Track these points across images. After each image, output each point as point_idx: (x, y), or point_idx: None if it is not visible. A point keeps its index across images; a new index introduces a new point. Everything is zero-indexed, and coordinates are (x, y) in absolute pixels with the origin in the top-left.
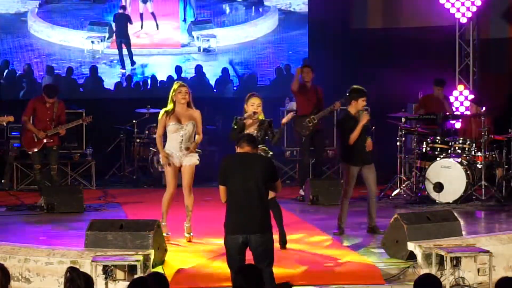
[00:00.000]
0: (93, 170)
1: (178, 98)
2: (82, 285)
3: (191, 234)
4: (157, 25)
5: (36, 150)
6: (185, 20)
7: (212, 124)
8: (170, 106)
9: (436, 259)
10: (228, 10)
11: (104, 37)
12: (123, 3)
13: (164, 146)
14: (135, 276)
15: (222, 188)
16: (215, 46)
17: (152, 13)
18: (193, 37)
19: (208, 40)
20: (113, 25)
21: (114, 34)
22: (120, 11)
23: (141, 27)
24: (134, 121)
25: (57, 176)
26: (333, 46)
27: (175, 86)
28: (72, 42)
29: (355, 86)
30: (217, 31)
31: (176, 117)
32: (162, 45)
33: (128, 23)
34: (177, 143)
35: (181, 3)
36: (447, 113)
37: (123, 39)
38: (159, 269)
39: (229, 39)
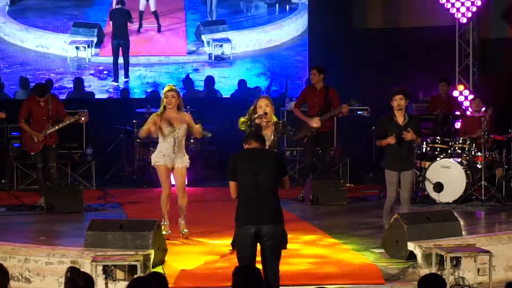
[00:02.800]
0: (93, 170)
1: (165, 102)
2: (83, 284)
3: (187, 230)
4: (159, 26)
5: (38, 151)
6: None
7: (212, 124)
8: (161, 109)
9: (436, 259)
10: (246, 9)
11: (92, 41)
12: None
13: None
14: (135, 276)
15: (232, 184)
16: (230, 53)
17: (154, 12)
18: (202, 41)
19: (221, 46)
20: (110, 23)
21: (110, 36)
22: (117, 6)
23: (139, 29)
24: (134, 121)
25: (56, 174)
26: (333, 46)
27: (165, 89)
28: (51, 48)
29: (394, 87)
30: (232, 35)
31: (168, 121)
32: (164, 52)
33: (128, 22)
34: (170, 145)
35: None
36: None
37: (121, 41)
38: (159, 269)
39: (247, 44)
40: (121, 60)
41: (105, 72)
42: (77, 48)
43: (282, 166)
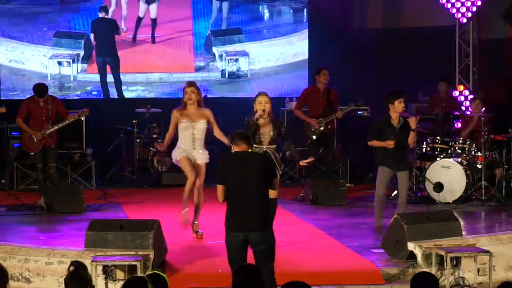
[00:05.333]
0: (93, 170)
1: (185, 98)
2: (88, 277)
3: (202, 232)
4: (153, 37)
5: (37, 151)
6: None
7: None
8: (183, 105)
9: (436, 259)
10: (267, 15)
11: (78, 55)
12: (106, 3)
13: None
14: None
15: (220, 187)
16: (248, 69)
17: (154, 20)
18: (213, 55)
19: (236, 61)
20: (92, 36)
21: (94, 51)
22: (101, 14)
23: (134, 38)
24: (134, 121)
25: (56, 174)
26: (333, 46)
27: (185, 86)
28: (28, 64)
29: (392, 91)
30: (250, 47)
31: (187, 115)
32: (167, 68)
33: (115, 34)
34: (190, 140)
35: (194, 5)
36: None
37: (107, 58)
38: (159, 269)
39: (268, 59)
40: (111, 78)
41: (94, 93)
42: (59, 63)
43: (270, 169)
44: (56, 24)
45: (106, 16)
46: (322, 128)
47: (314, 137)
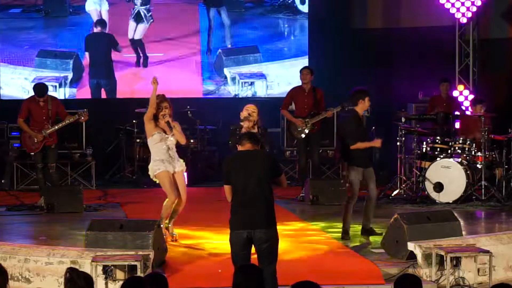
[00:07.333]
0: (93, 170)
1: (159, 114)
2: (83, 284)
3: (176, 234)
4: (138, 59)
5: (37, 151)
6: (209, 48)
7: (212, 124)
8: (152, 116)
9: (436, 259)
10: (287, 29)
11: (66, 78)
12: (100, 16)
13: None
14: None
15: (227, 188)
16: (265, 94)
17: (139, 41)
18: (225, 77)
19: (252, 84)
20: (87, 55)
21: (84, 73)
22: (97, 29)
23: (142, 61)
24: (134, 121)
25: (56, 174)
26: (333, 46)
27: (158, 100)
28: (7, 88)
29: (359, 87)
30: (268, 68)
31: (161, 128)
32: (170, 93)
33: (114, 50)
34: (165, 151)
35: (203, 19)
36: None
37: (102, 80)
38: (159, 269)
39: (289, 82)
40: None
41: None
42: None
43: (274, 166)
44: (40, 42)
45: (103, 31)
46: (307, 131)
47: (302, 135)
